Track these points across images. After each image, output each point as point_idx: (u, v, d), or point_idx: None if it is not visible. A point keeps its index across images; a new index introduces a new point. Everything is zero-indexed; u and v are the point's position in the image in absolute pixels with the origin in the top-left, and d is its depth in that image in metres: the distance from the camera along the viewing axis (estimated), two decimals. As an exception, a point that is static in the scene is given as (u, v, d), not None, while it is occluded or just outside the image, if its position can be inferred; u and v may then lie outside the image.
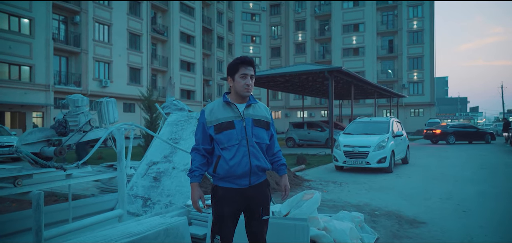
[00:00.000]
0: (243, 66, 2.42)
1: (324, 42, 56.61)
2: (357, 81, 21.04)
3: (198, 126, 2.48)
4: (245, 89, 2.41)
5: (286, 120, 53.93)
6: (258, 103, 2.55)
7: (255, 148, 2.40)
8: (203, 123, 2.44)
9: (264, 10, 60.04)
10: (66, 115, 3.51)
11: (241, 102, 2.46)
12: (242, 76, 2.41)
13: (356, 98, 35.14)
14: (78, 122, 3.45)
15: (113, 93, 34.71)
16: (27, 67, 27.78)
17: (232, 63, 2.46)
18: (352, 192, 7.14)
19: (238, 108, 2.41)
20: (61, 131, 3.35)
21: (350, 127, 11.63)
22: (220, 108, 2.43)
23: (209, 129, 2.41)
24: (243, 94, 2.42)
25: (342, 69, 16.71)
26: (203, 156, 2.45)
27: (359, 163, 9.91)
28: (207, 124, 2.42)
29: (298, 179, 8.71)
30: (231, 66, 2.46)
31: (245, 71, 2.41)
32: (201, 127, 2.45)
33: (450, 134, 24.00)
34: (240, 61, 2.43)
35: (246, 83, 2.40)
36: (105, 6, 34.75)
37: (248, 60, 2.44)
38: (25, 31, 27.64)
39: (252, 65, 2.46)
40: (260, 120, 2.46)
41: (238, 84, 2.42)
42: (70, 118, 3.49)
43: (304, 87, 24.94)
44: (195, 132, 2.50)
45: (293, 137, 21.91)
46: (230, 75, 2.47)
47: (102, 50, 34.32)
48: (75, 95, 3.61)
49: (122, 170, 3.63)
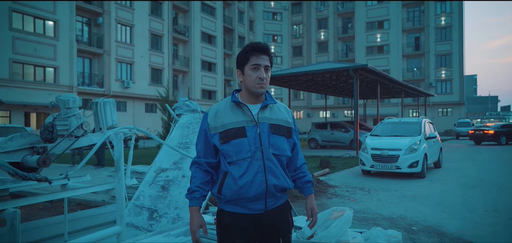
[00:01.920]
0: (255, 54, 1.86)
1: (347, 40, 55.32)
2: (384, 80, 20.09)
3: (200, 133, 1.94)
4: (258, 85, 1.85)
5: (308, 120, 53.02)
6: (277, 103, 1.98)
7: (272, 162, 1.84)
8: (206, 130, 1.90)
9: (285, 9, 59.30)
10: (56, 118, 3.07)
11: (255, 102, 1.90)
12: (254, 68, 1.85)
13: (381, 98, 33.94)
14: (69, 126, 3.00)
15: (135, 94, 34.96)
16: (52, 69, 28.22)
17: (241, 51, 1.91)
18: (383, 201, 6.46)
19: (250, 110, 1.86)
20: (47, 136, 2.90)
21: (378, 129, 10.87)
22: (227, 110, 1.88)
23: (213, 137, 1.86)
24: (256, 90, 1.86)
25: (368, 67, 15.90)
26: (205, 172, 1.91)
27: (388, 167, 9.17)
28: (211, 131, 1.87)
29: (322, 184, 8.08)
30: (240, 56, 1.91)
31: (258, 61, 1.85)
32: (203, 135, 1.91)
33: (502, 134, 22.55)
34: (251, 48, 1.87)
35: (258, 76, 1.84)
36: (127, 7, 34.99)
37: (261, 46, 1.88)
38: (50, 33, 28.07)
39: (267, 53, 1.89)
40: (280, 125, 1.90)
41: (249, 78, 1.86)
42: (60, 121, 3.04)
43: (327, 86, 24.15)
44: (196, 141, 1.96)
45: (315, 138, 21.18)
46: (239, 68, 1.92)
47: (124, 51, 34.56)
48: (66, 95, 3.15)
49: (120, 181, 3.15)
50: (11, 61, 25.36)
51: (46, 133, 2.89)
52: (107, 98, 3.38)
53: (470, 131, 25.31)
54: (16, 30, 25.59)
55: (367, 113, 38.29)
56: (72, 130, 2.97)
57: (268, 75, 1.89)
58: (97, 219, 3.84)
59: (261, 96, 1.90)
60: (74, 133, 2.99)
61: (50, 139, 2.90)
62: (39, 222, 3.69)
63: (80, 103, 3.27)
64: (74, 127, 2.99)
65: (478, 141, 23.43)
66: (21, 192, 3.75)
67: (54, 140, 2.91)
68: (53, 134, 2.90)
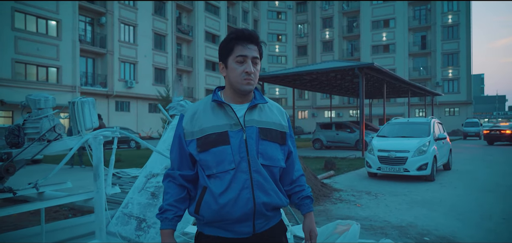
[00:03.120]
0: (240, 43, 1.50)
1: (352, 39, 54.78)
2: (390, 79, 19.65)
3: (174, 140, 1.58)
4: (245, 81, 1.50)
5: (313, 120, 52.57)
6: (268, 102, 1.62)
7: (261, 174, 1.48)
8: (180, 136, 1.55)
9: (290, 8, 58.89)
10: (27, 120, 2.75)
11: (241, 102, 1.55)
12: (239, 60, 1.50)
13: (387, 97, 33.43)
14: (40, 129, 2.68)
15: (138, 94, 34.77)
16: (55, 69, 28.07)
17: (224, 40, 1.55)
18: (391, 207, 6.07)
19: (235, 112, 1.50)
20: (13, 141, 2.58)
21: (385, 129, 10.47)
22: (207, 111, 1.52)
23: (189, 144, 1.51)
24: (242, 88, 1.51)
25: (374, 65, 15.49)
26: (180, 188, 1.56)
27: (396, 170, 8.77)
28: (186, 137, 1.52)
29: (327, 188, 7.71)
30: (222, 46, 1.55)
31: (244, 51, 1.49)
32: (177, 142, 1.56)
33: None
34: (235, 36, 1.51)
35: (245, 70, 1.49)
36: (130, 6, 34.80)
37: (247, 34, 1.52)
38: (52, 33, 27.93)
39: (255, 42, 1.54)
40: (271, 129, 1.54)
41: (233, 73, 1.51)
42: (30, 123, 2.72)
43: (332, 85, 23.74)
44: (170, 149, 1.61)
45: (320, 139, 20.78)
46: (221, 60, 1.56)
47: (127, 51, 34.38)
48: (37, 94, 2.82)
49: (99, 190, 2.82)
50: (13, 61, 25.24)
51: (11, 137, 2.56)
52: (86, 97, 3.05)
53: (484, 131, 24.71)
54: (18, 30, 25.46)
55: (373, 113, 37.79)
56: (43, 133, 2.65)
57: (257, 69, 1.53)
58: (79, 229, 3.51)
59: (249, 94, 1.55)
60: (45, 137, 2.66)
61: (16, 144, 2.58)
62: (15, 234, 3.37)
63: (54, 103, 2.94)
64: (46, 130, 2.66)
65: (491, 141, 22.86)
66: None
67: (21, 145, 2.59)
68: (20, 138, 2.57)
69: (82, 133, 2.88)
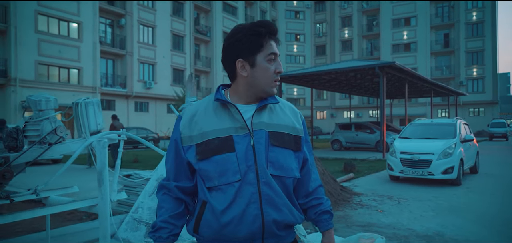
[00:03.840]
0: (272, 38, 1.33)
1: (372, 38, 53.80)
2: (412, 78, 19.05)
3: (170, 145, 1.38)
4: (275, 83, 1.34)
5: (331, 121, 51.90)
6: (280, 102, 1.40)
7: (272, 187, 1.26)
8: (176, 141, 1.35)
9: (308, 7, 58.34)
10: (28, 122, 2.62)
11: (249, 102, 1.34)
12: (270, 58, 1.31)
13: (409, 97, 32.57)
14: (41, 131, 2.54)
15: (157, 94, 35.09)
16: (76, 70, 28.60)
17: (248, 33, 1.29)
18: (415, 213, 5.73)
19: (241, 113, 1.29)
20: (11, 144, 2.45)
21: (408, 131, 10.05)
22: (208, 112, 1.31)
23: (188, 151, 1.31)
24: (270, 91, 1.34)
25: (395, 64, 15.00)
26: (177, 201, 1.36)
27: (419, 173, 8.37)
28: (184, 143, 1.32)
29: (346, 191, 7.41)
30: (246, 41, 1.29)
31: (275, 49, 1.33)
32: (173, 149, 1.35)
33: None
34: (267, 30, 1.30)
35: (277, 69, 1.32)
36: (149, 8, 35.15)
37: (275, 28, 1.34)
38: (74, 35, 28.45)
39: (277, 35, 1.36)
40: (284, 134, 1.32)
41: (265, 74, 1.31)
42: (31, 126, 2.59)
43: (352, 85, 23.24)
44: (166, 156, 1.41)
45: (339, 140, 20.35)
46: (243, 57, 1.30)
47: (146, 52, 34.75)
48: (38, 95, 2.69)
49: (104, 197, 2.66)
50: (36, 63, 25.83)
51: (9, 140, 2.44)
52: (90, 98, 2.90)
53: None
54: (41, 32, 26.04)
55: (393, 113, 36.94)
56: (44, 136, 2.51)
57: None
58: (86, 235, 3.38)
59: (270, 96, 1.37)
60: (46, 140, 2.52)
61: (15, 148, 2.45)
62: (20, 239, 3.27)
63: (55, 104, 2.81)
64: (47, 133, 2.53)
65: None
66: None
67: (19, 149, 2.46)
68: (18, 141, 2.44)
69: (86, 135, 2.73)
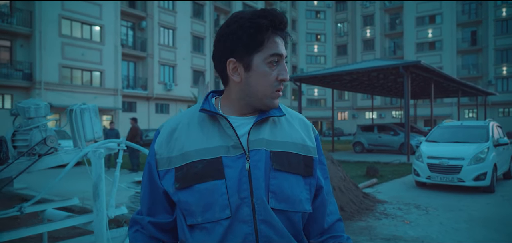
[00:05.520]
0: (276, 34, 1.00)
1: (395, 37, 52.45)
2: (438, 78, 18.25)
3: (144, 171, 1.09)
4: (277, 93, 1.02)
5: (353, 122, 50.92)
6: (287, 113, 1.09)
7: (273, 226, 0.96)
8: (150, 165, 1.05)
9: (329, 7, 57.49)
10: (18, 131, 2.41)
11: (245, 114, 1.04)
12: (271, 60, 1.00)
13: (434, 97, 31.44)
14: (30, 141, 2.33)
15: (177, 96, 35.26)
16: (98, 72, 29.05)
17: (245, 24, 0.97)
18: (446, 225, 5.27)
19: (233, 128, 0.99)
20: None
21: (435, 134, 9.49)
22: (192, 127, 1.02)
23: (164, 177, 1.01)
24: (269, 103, 1.02)
25: (421, 63, 14.36)
26: (152, 241, 1.06)
27: (448, 179, 7.83)
28: (160, 167, 1.02)
29: (369, 199, 7.00)
30: (240, 35, 0.98)
31: (280, 49, 1.00)
32: (147, 173, 1.06)
33: None
34: (270, 23, 0.98)
35: (280, 76, 1.01)
36: (169, 10, 35.39)
37: (283, 19, 1.01)
38: (96, 38, 28.92)
39: (286, 29, 1.03)
40: (289, 153, 1.01)
41: (263, 80, 1.00)
42: (20, 135, 2.38)
43: (374, 85, 22.55)
44: (141, 184, 1.12)
45: (361, 142, 19.74)
46: (236, 56, 1.00)
47: (166, 54, 34.98)
48: (27, 101, 2.47)
49: (100, 212, 2.42)
50: (60, 66, 26.37)
51: (-8, 152, 2.23)
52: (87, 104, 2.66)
53: None
54: (65, 36, 26.58)
55: (418, 114, 35.80)
56: (33, 147, 2.29)
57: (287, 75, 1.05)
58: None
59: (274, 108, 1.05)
60: (35, 151, 2.30)
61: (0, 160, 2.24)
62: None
63: (46, 111, 2.58)
64: (36, 143, 2.31)
65: None
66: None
67: (4, 161, 2.25)
68: (2, 153, 2.23)
69: (82, 145, 2.49)
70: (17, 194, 7.21)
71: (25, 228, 2.23)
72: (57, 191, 7.36)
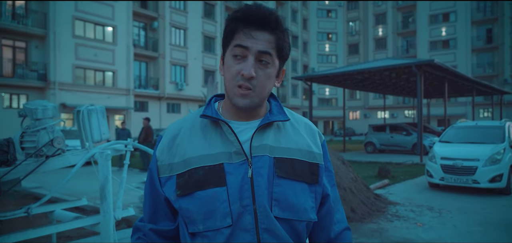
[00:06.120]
0: (244, 27, 0.95)
1: (407, 35, 51.77)
2: (452, 76, 17.94)
3: (147, 180, 1.06)
4: (237, 89, 0.95)
5: (365, 121, 50.44)
6: (292, 118, 1.05)
7: (276, 235, 0.93)
8: (151, 171, 1.03)
9: (340, 5, 57.07)
10: (25, 132, 2.42)
11: (247, 118, 1.00)
12: (235, 53, 0.95)
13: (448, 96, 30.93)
14: (37, 143, 2.34)
15: (188, 96, 35.45)
16: (111, 73, 29.38)
17: (226, 23, 0.99)
18: (460, 228, 5.15)
19: (235, 134, 0.96)
20: (1, 158, 2.25)
21: (449, 134, 9.31)
22: (195, 132, 0.99)
23: (165, 184, 0.99)
24: (233, 101, 0.96)
25: (434, 62, 14.13)
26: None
27: (463, 181, 7.67)
28: (161, 173, 1.00)
29: (381, 200, 6.90)
30: (224, 31, 0.99)
31: (245, 41, 0.94)
32: (149, 182, 1.04)
33: None
34: (240, 15, 0.95)
35: (240, 71, 0.94)
36: (181, 10, 35.59)
37: (258, 12, 0.95)
38: (109, 39, 29.25)
39: (269, 27, 0.96)
40: (294, 160, 0.98)
41: (227, 74, 0.97)
42: (28, 137, 2.39)
43: (386, 84, 22.29)
44: (144, 191, 1.09)
45: (373, 142, 19.53)
46: (223, 54, 1.01)
47: (178, 54, 35.19)
48: (34, 102, 2.48)
49: (106, 214, 2.42)
50: (74, 66, 26.75)
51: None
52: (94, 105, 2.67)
53: None
54: (78, 37, 26.95)
55: (431, 113, 35.27)
56: (40, 148, 2.30)
57: (266, 73, 0.96)
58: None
59: (258, 108, 1.00)
60: (43, 152, 2.31)
61: (6, 161, 2.25)
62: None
63: (54, 112, 2.59)
64: (43, 144, 2.32)
65: None
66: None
67: (11, 163, 2.26)
68: (9, 154, 2.24)
69: (89, 146, 2.49)
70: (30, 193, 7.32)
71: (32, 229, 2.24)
72: (68, 191, 7.45)
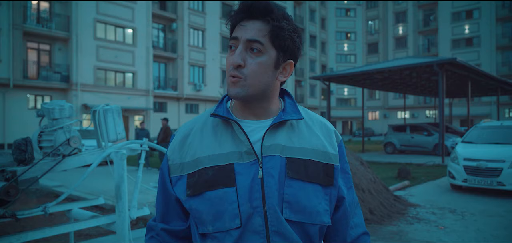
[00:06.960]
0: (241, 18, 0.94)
1: (428, 34, 50.62)
2: (476, 75, 17.41)
3: (159, 179, 1.05)
4: (230, 79, 0.93)
5: (384, 121, 49.64)
6: (306, 116, 1.02)
7: (287, 238, 0.90)
8: (163, 172, 1.02)
9: (359, 4, 56.34)
10: (43, 132, 2.47)
11: (258, 117, 0.98)
12: (230, 44, 0.95)
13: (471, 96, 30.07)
14: (54, 142, 2.38)
15: (206, 96, 35.73)
16: (131, 74, 29.92)
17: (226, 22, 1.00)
18: (484, 232, 4.98)
19: (246, 133, 0.93)
20: (19, 157, 2.29)
21: (472, 134, 9.03)
22: (206, 132, 0.98)
23: (176, 184, 0.98)
24: (229, 92, 0.95)
25: (456, 61, 13.75)
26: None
27: (487, 183, 7.42)
28: (172, 173, 0.99)
29: (400, 202, 6.75)
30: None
31: (236, 32, 0.94)
32: (161, 182, 1.03)
33: None
34: (238, 10, 0.94)
35: (231, 62, 0.93)
36: (199, 11, 35.91)
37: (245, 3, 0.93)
38: (129, 41, 29.79)
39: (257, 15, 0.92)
40: (307, 161, 0.94)
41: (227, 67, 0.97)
42: (45, 136, 2.44)
43: (406, 84, 21.84)
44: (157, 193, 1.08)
45: (393, 142, 19.16)
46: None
47: (196, 55, 35.52)
48: (52, 102, 2.52)
49: (122, 214, 2.44)
50: (95, 68, 27.38)
51: (17, 152, 2.28)
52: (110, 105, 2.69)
53: None
54: (99, 39, 27.57)
55: (453, 113, 34.38)
56: (57, 147, 2.34)
57: (256, 62, 0.92)
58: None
59: (262, 104, 0.97)
60: (60, 151, 2.35)
61: (23, 161, 2.29)
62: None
63: (70, 112, 2.63)
64: (60, 143, 2.35)
65: None
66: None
67: (29, 162, 2.30)
68: (27, 153, 2.28)
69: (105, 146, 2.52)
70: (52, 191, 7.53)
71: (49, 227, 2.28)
72: (87, 190, 7.62)
